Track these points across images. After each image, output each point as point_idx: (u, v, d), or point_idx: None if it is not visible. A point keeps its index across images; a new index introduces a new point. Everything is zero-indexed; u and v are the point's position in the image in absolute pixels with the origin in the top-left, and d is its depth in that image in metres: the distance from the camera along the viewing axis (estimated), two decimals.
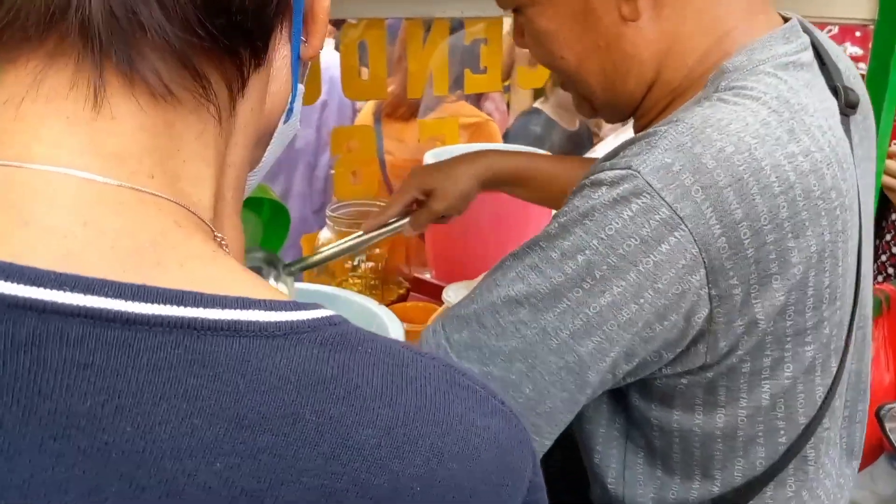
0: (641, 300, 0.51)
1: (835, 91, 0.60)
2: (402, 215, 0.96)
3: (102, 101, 0.28)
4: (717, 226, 0.51)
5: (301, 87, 0.38)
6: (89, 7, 0.27)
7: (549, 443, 0.57)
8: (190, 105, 0.30)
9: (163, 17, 0.28)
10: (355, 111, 2.20)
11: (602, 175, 0.53)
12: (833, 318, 0.58)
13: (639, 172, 0.51)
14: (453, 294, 1.11)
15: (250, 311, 0.27)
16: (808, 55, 0.60)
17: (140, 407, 0.25)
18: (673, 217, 0.50)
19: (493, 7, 1.40)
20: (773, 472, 0.61)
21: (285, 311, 0.28)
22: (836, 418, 0.66)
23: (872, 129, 0.67)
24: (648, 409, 0.60)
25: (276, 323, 0.27)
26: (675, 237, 0.50)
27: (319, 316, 0.28)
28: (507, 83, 2.27)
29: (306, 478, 0.26)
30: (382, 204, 1.30)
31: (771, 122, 0.53)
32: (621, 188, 0.51)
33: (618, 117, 0.69)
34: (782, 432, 0.60)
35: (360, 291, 1.23)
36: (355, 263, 1.25)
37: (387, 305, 1.14)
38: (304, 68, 0.39)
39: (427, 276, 1.39)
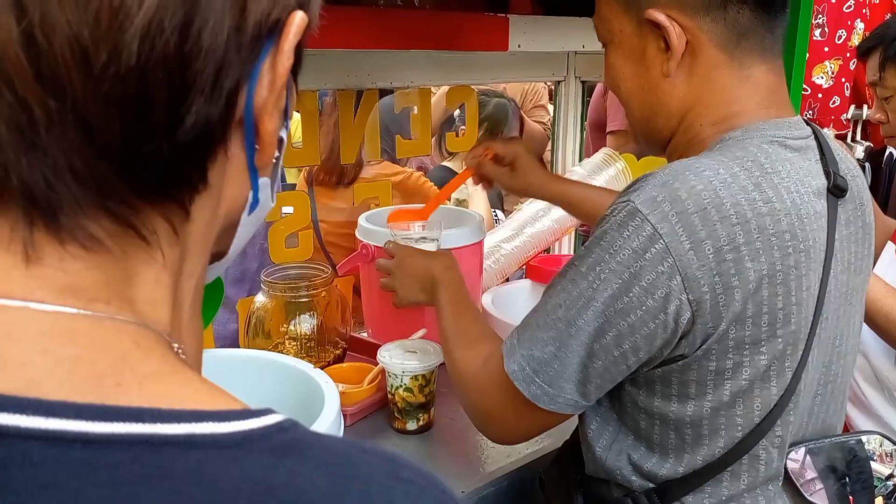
0: (631, 293, 0.69)
1: (827, 174, 0.77)
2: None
3: (32, 256, 0.30)
4: (687, 242, 0.67)
5: (264, 180, 0.38)
6: (13, 188, 0.29)
7: (573, 398, 0.75)
8: (136, 244, 0.32)
9: (78, 189, 0.29)
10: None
11: (612, 207, 0.72)
12: (786, 337, 0.71)
13: (634, 203, 0.69)
14: (387, 354, 1.14)
15: (204, 423, 0.28)
16: (804, 143, 0.77)
17: None
18: (655, 234, 0.68)
19: (421, 77, 1.49)
20: (726, 461, 0.75)
21: (237, 420, 0.29)
22: (790, 431, 0.76)
23: (865, 218, 0.83)
24: (637, 395, 0.77)
25: (228, 434, 0.29)
26: (656, 248, 0.68)
27: (270, 423, 0.30)
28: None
29: None
30: (319, 267, 1.33)
31: (739, 174, 0.70)
32: (622, 215, 0.70)
33: (651, 149, 0.89)
34: (739, 428, 0.74)
35: (296, 354, 1.25)
36: (292, 327, 1.27)
37: (323, 366, 1.16)
38: (273, 167, 0.39)
39: (364, 336, 1.41)
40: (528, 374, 0.75)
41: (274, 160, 0.38)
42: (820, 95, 3.35)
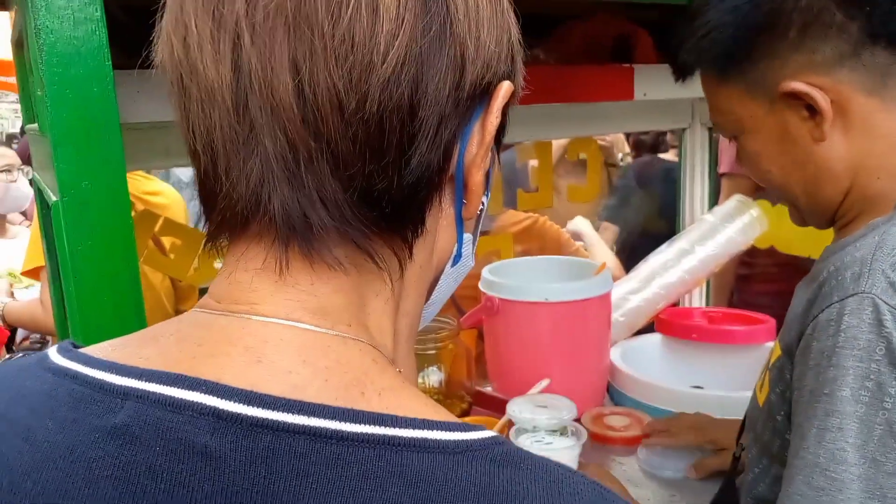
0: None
1: None
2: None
3: (285, 273, 0.36)
4: None
5: (468, 236, 0.44)
6: (273, 212, 0.35)
7: None
8: (369, 272, 0.38)
9: (326, 216, 0.35)
10: None
11: (837, 308, 0.62)
12: None
13: (873, 294, 0.61)
14: (517, 408, 1.12)
15: (434, 431, 0.32)
16: None
17: None
18: None
19: (541, 131, 1.49)
20: None
21: (460, 431, 0.33)
22: None
23: None
24: None
25: (455, 441, 0.32)
26: None
27: (487, 436, 0.33)
28: None
29: None
30: (444, 319, 1.34)
31: None
32: (867, 312, 0.60)
33: (821, 221, 0.80)
34: None
35: None
36: (420, 379, 1.28)
37: None
38: (476, 220, 0.44)
39: (488, 390, 1.40)
40: None
41: (478, 213, 0.42)
42: None
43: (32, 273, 1.76)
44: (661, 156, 2.69)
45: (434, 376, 1.27)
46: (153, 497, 0.31)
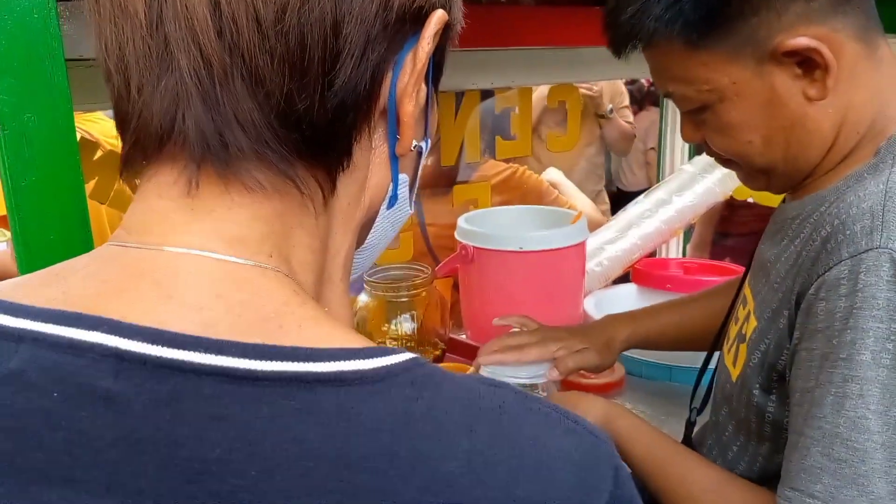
0: None
1: None
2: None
3: (198, 197, 0.34)
4: None
5: (404, 177, 0.42)
6: (188, 132, 0.33)
7: None
8: (292, 200, 0.35)
9: (243, 137, 0.33)
10: None
11: (849, 265, 0.58)
12: None
13: (890, 249, 0.56)
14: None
15: (353, 361, 0.30)
16: None
17: (261, 453, 0.28)
18: None
19: (522, 77, 1.46)
20: None
21: (381, 357, 0.31)
22: None
23: None
24: None
25: (374, 369, 0.31)
26: None
27: (408, 358, 0.32)
28: None
29: None
30: (419, 267, 1.33)
31: None
32: (885, 268, 0.56)
33: (790, 186, 0.74)
34: None
35: None
36: (393, 326, 1.27)
37: None
38: (415, 159, 0.42)
39: (462, 337, 1.40)
40: None
41: (416, 153, 0.41)
42: None
43: (3, 221, 1.73)
44: None
45: (407, 324, 1.27)
46: (50, 448, 0.29)
